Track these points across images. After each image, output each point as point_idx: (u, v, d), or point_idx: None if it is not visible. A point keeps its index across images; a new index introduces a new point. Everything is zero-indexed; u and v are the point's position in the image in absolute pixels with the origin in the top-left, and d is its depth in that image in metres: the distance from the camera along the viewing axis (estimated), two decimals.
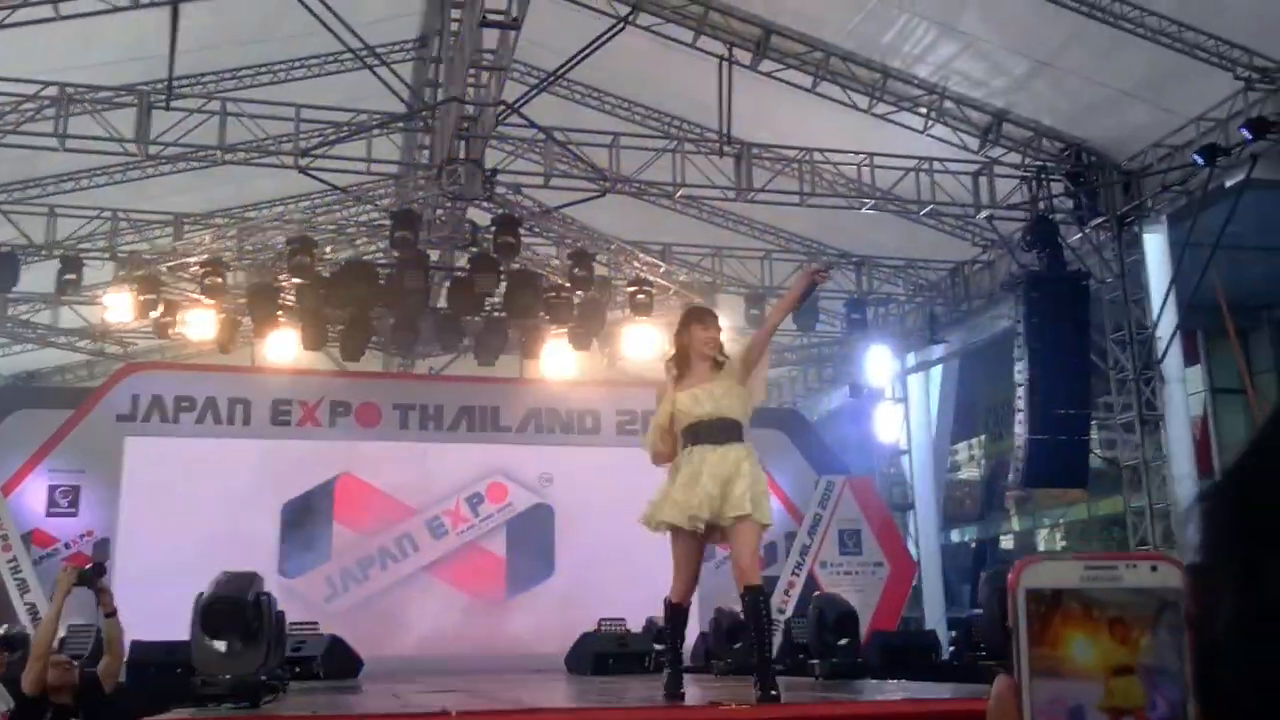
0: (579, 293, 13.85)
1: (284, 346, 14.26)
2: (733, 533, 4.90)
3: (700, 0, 11.70)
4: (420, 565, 14.56)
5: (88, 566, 6.45)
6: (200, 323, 13.89)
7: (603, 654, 11.17)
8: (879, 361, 16.66)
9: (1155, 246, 12.69)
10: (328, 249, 14.16)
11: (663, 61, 12.41)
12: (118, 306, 13.60)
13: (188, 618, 6.64)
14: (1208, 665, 0.54)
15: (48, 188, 13.84)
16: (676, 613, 5.31)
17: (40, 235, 13.66)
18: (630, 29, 11.39)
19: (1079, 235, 13.18)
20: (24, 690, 6.06)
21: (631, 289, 14.18)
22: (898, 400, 17.66)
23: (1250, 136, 10.32)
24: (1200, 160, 10.88)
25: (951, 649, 13.36)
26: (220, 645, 5.49)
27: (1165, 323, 12.44)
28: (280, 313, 13.83)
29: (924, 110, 12.37)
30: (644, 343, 14.15)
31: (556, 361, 15.01)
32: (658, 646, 8.66)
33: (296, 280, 13.40)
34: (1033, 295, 12.49)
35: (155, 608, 8.34)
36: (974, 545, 22.24)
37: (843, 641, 9.37)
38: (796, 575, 14.55)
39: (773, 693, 4.79)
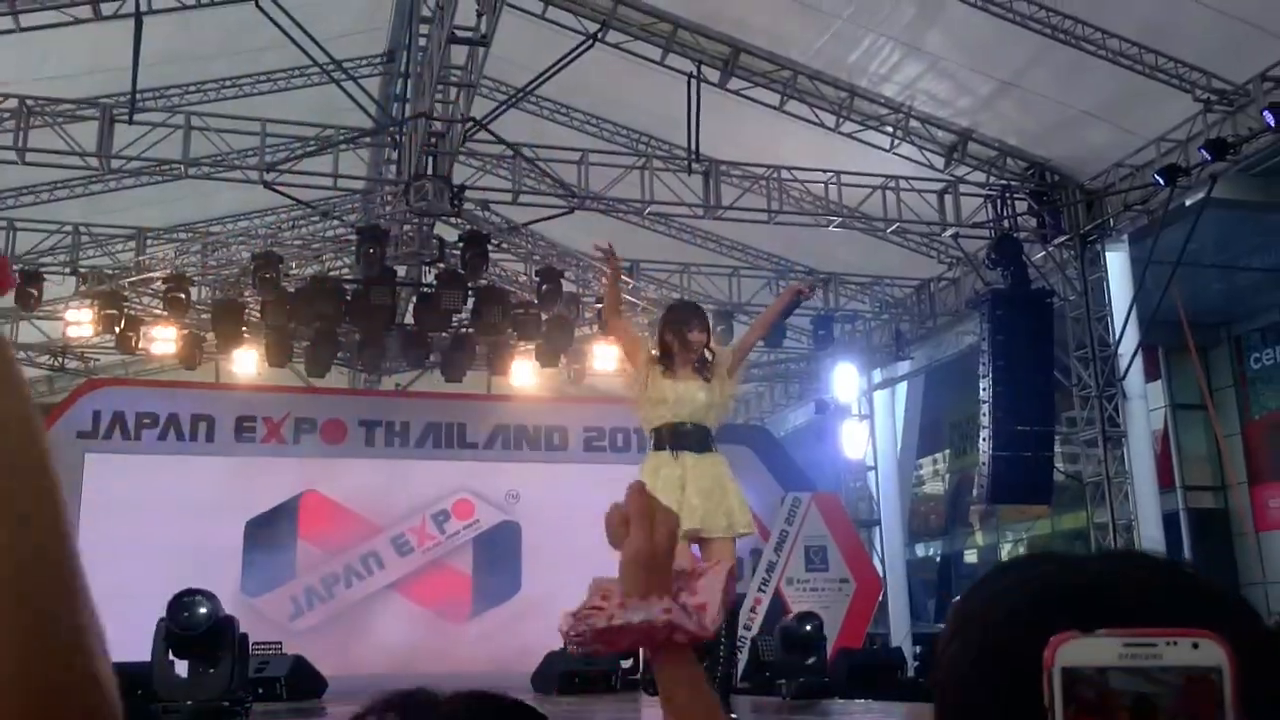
0: (547, 309, 13.82)
1: (248, 363, 14.13)
2: (711, 548, 4.77)
3: (669, 18, 11.74)
4: (386, 583, 14.43)
5: None
6: (163, 338, 13.74)
7: (569, 673, 11.11)
8: (845, 378, 16.74)
9: (1117, 264, 12.86)
10: (293, 264, 14.05)
11: (631, 79, 12.44)
12: (79, 322, 13.42)
13: (148, 639, 6.55)
14: None
15: (7, 201, 13.63)
16: None
17: None
18: (599, 46, 11.41)
19: (1042, 253, 13.32)
20: None
21: (600, 305, 14.18)
22: (863, 416, 17.74)
23: (1209, 157, 10.49)
24: (1161, 180, 11.04)
25: (917, 664, 13.40)
26: (182, 669, 5.40)
27: (1127, 340, 12.59)
28: (245, 328, 13.71)
29: (890, 129, 12.47)
30: (611, 359, 14.14)
31: (524, 378, 14.96)
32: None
33: (261, 296, 13.28)
34: (997, 313, 12.61)
35: (115, 629, 8.15)
36: (939, 560, 22.37)
37: (810, 660, 9.37)
38: (763, 593, 14.54)
39: (732, 716, 4.80)
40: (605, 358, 14.39)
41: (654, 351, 4.93)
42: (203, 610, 5.69)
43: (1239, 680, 0.53)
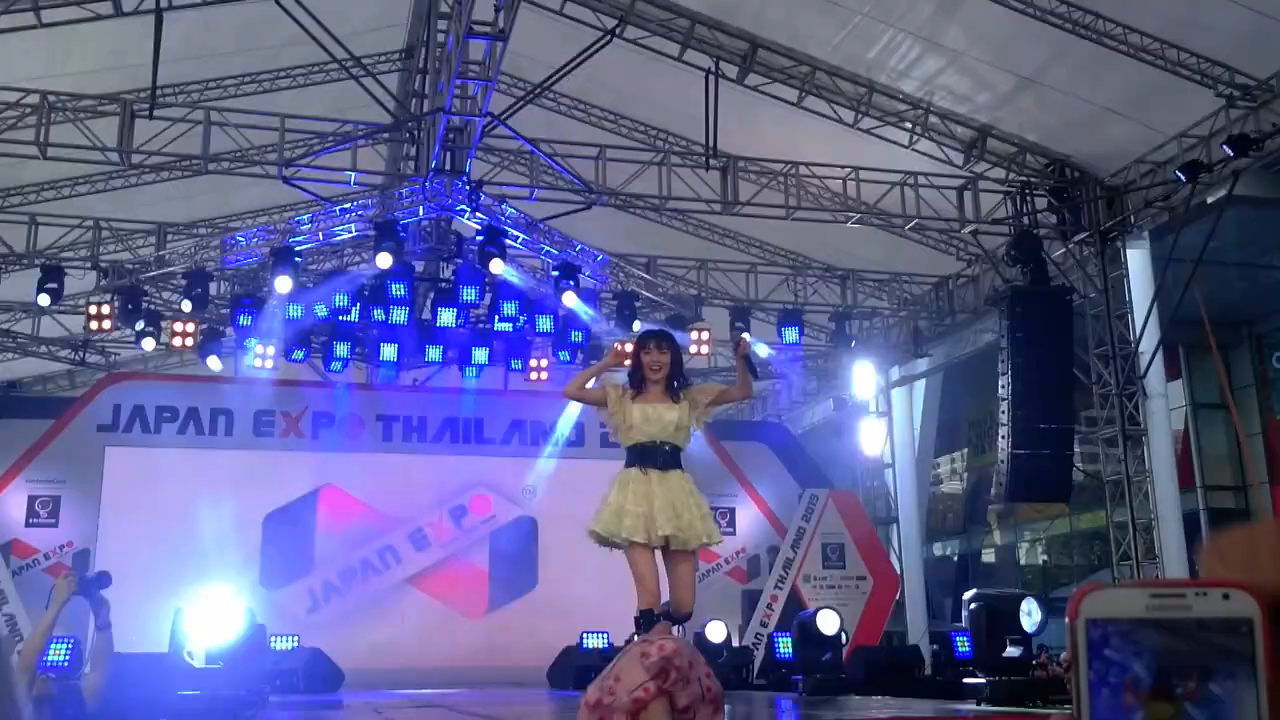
0: (564, 305, 13.82)
1: (267, 357, 14.18)
2: (676, 559, 4.95)
3: (687, 14, 11.71)
4: (403, 577, 14.49)
5: (93, 575, 6.27)
6: (183, 333, 13.81)
7: (585, 668, 11.11)
8: (863, 375, 16.68)
9: (1138, 262, 12.76)
10: (311, 260, 14.10)
11: (649, 74, 12.42)
12: (100, 316, 13.50)
13: (167, 631, 6.59)
14: None
15: (29, 196, 13.73)
16: (653, 618, 5.22)
17: (21, 244, 13.55)
18: (617, 42, 11.40)
19: (1062, 250, 13.24)
20: None
21: (616, 301, 14.18)
22: (881, 414, 17.67)
23: (1232, 153, 10.40)
24: (1182, 177, 10.95)
25: (934, 663, 13.34)
26: (200, 660, 5.43)
27: (1148, 338, 12.50)
28: (263, 323, 13.76)
29: (909, 125, 12.42)
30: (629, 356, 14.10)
31: (540, 374, 14.97)
32: None
33: (279, 291, 13.33)
34: (1016, 310, 12.53)
35: (134, 620, 8.25)
36: (956, 559, 22.29)
37: (826, 657, 9.36)
38: (780, 589, 14.52)
39: None
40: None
41: (625, 384, 5.26)
42: (221, 604, 5.73)
43: (1270, 631, 0.51)
